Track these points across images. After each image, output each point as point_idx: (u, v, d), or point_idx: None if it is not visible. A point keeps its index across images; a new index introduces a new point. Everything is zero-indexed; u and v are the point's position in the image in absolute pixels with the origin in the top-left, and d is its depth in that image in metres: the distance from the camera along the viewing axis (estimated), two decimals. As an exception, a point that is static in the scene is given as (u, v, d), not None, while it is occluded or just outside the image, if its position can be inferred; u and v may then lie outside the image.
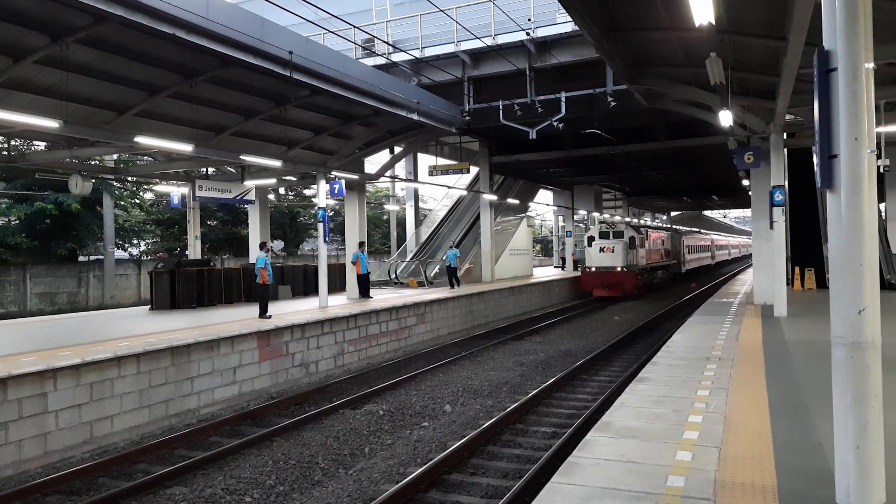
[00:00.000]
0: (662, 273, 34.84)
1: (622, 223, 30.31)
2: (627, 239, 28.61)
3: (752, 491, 4.39)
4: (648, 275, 31.25)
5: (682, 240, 40.65)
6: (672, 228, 46.64)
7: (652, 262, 32.01)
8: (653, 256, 32.18)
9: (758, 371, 8.27)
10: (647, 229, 32.16)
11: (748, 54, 11.41)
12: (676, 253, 38.73)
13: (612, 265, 28.01)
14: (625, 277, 27.78)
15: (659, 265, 33.79)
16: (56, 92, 11.80)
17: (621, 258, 27.86)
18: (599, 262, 28.38)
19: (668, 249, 36.39)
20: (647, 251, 30.73)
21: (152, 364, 10.05)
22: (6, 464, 8.02)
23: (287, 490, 7.24)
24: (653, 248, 32.27)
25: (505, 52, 18.26)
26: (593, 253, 28.71)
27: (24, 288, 25.61)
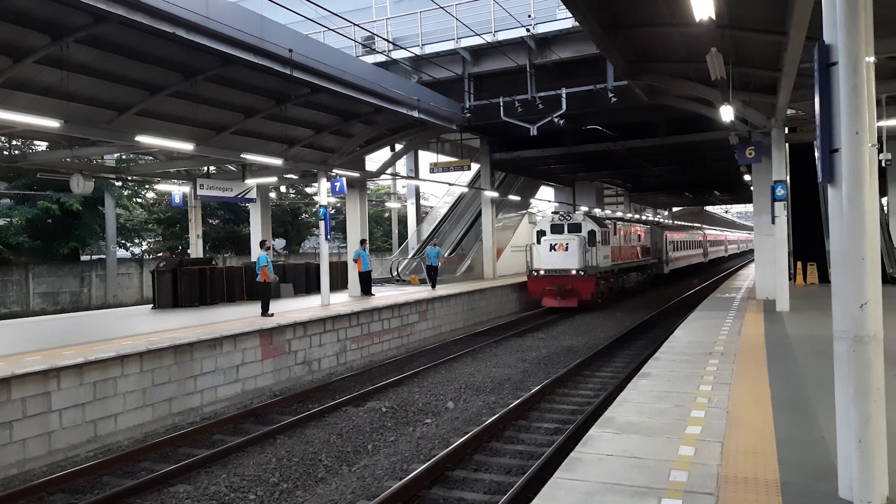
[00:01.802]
0: (638, 275, 29.31)
1: (580, 213, 24.83)
2: (586, 233, 22.98)
3: (755, 485, 4.40)
4: (616, 278, 25.73)
5: (665, 235, 34.26)
6: (652, 221, 39.70)
7: (622, 261, 26.46)
8: (624, 255, 26.76)
9: (760, 366, 8.28)
10: (615, 221, 26.62)
11: (749, 49, 11.39)
12: (658, 250, 32.89)
13: (565, 267, 22.07)
14: (581, 282, 21.91)
15: (633, 265, 28.25)
16: (57, 92, 11.80)
17: (577, 258, 22.06)
18: (549, 263, 22.46)
19: (646, 246, 30.86)
20: (614, 248, 25.20)
21: (155, 363, 10.08)
22: (11, 463, 8.05)
23: (291, 487, 7.26)
24: (624, 245, 26.88)
25: (505, 49, 18.23)
26: (542, 252, 22.82)
27: (26, 288, 25.66)
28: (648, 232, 31.71)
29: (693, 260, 42.71)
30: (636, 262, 28.77)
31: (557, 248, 22.55)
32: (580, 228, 23.17)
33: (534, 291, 22.84)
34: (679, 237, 38.59)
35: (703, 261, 46.97)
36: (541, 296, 22.57)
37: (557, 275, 22.23)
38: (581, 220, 23.48)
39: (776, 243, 14.36)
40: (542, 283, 22.53)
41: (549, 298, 22.36)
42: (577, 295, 21.96)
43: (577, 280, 21.98)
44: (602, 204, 41.49)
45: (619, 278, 26.05)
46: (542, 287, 22.50)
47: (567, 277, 22.09)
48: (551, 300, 22.29)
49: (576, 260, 22.08)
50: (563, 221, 23.67)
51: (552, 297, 22.25)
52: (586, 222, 23.37)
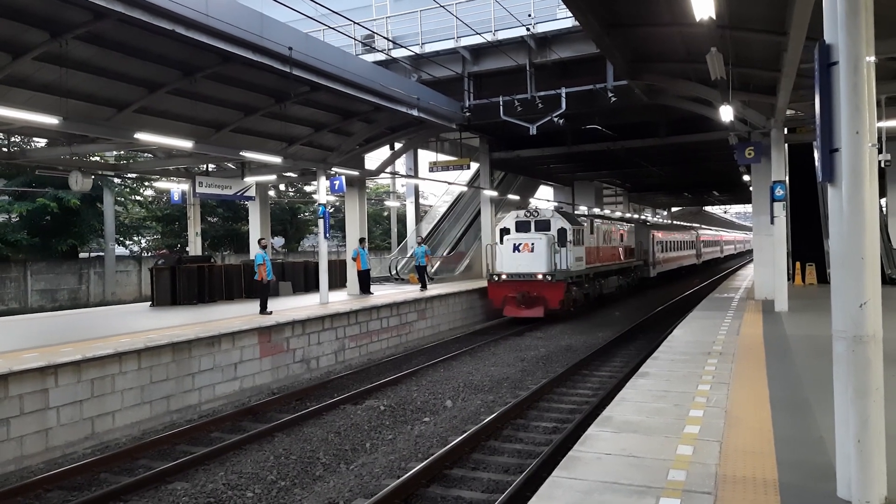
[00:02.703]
0: (620, 279, 26.53)
1: (549, 209, 21.83)
2: (555, 232, 20.21)
3: (754, 485, 4.40)
4: (592, 283, 22.82)
5: (652, 234, 31.34)
6: (637, 220, 36.38)
7: (600, 263, 23.71)
8: (602, 256, 24.04)
9: (759, 366, 8.28)
10: (591, 219, 23.99)
11: (749, 49, 11.39)
12: (643, 251, 30.26)
13: (530, 271, 19.27)
14: (548, 289, 19.12)
15: (613, 268, 25.46)
16: (56, 88, 11.78)
17: (544, 260, 19.33)
18: (512, 266, 19.70)
19: (629, 247, 28.20)
20: (590, 249, 22.40)
21: (153, 360, 10.06)
22: (8, 459, 8.04)
23: (288, 485, 7.26)
24: (603, 246, 24.19)
25: (505, 48, 18.22)
26: (505, 253, 20.11)
27: (24, 285, 25.63)
28: (632, 231, 29.30)
29: (685, 262, 40.20)
30: (617, 265, 26.10)
31: (522, 248, 19.76)
32: (549, 226, 20.48)
33: (494, 299, 20.01)
34: (668, 237, 35.69)
35: (697, 262, 44.41)
36: (502, 304, 19.76)
37: (521, 280, 19.40)
38: (550, 217, 20.75)
39: (775, 243, 14.36)
40: (504, 290, 19.71)
41: (511, 307, 19.59)
42: (543, 303, 19.14)
43: (543, 286, 19.21)
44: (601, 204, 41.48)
45: (595, 283, 23.13)
46: (504, 294, 19.68)
47: (532, 283, 19.30)
48: (514, 309, 19.56)
49: (542, 262, 19.37)
50: (529, 218, 20.95)
51: (515, 306, 19.52)
52: (556, 219, 20.62)
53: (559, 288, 19.22)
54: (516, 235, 20.41)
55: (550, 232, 20.20)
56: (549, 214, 20.84)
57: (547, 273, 19.19)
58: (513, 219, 21.39)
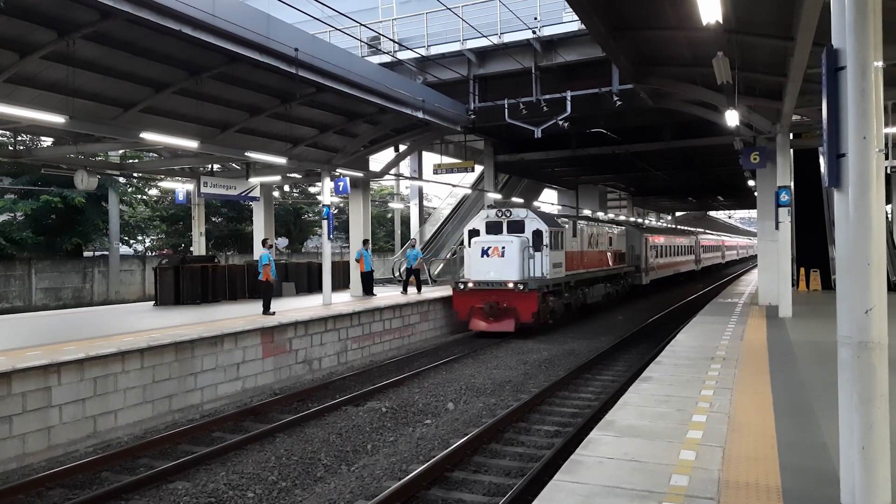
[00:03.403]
0: (608, 287, 24.18)
1: (524, 209, 19.26)
2: (530, 234, 18.12)
3: (757, 491, 4.38)
4: (574, 292, 20.43)
5: (645, 238, 28.91)
6: (628, 222, 33.66)
7: (585, 270, 21.36)
8: (587, 262, 21.70)
9: (762, 371, 8.25)
10: (574, 220, 21.42)
11: (755, 54, 11.37)
12: (635, 257, 28.04)
13: (500, 279, 17.22)
14: (520, 299, 17.01)
15: (600, 275, 22.94)
16: (62, 87, 11.82)
17: (516, 266, 17.27)
18: (480, 272, 17.59)
19: (619, 252, 26.03)
20: (572, 254, 20.03)
21: (156, 359, 10.08)
22: (10, 457, 8.05)
23: (289, 486, 7.25)
24: (587, 250, 21.82)
25: (511, 51, 18.24)
26: (472, 257, 18.01)
27: (29, 283, 25.71)
28: (623, 234, 27.15)
29: (682, 268, 37.74)
30: (604, 271, 23.66)
31: (491, 252, 17.60)
32: (522, 228, 18.27)
33: (459, 310, 17.80)
34: (663, 241, 33.29)
35: (696, 269, 42.11)
36: (468, 316, 17.60)
37: (490, 289, 17.28)
38: (524, 218, 18.43)
39: (780, 249, 14.32)
40: (470, 300, 17.49)
41: (477, 319, 17.44)
42: (514, 315, 17.04)
43: (514, 296, 17.04)
44: (605, 207, 41.45)
45: (577, 292, 20.74)
46: (471, 304, 17.46)
47: (502, 292, 17.17)
48: (480, 322, 17.40)
49: (514, 269, 17.26)
50: (500, 218, 18.63)
51: (482, 318, 17.36)
52: (531, 220, 18.37)
53: (532, 298, 17.05)
54: (486, 238, 18.35)
55: (524, 234, 18.14)
56: (524, 214, 18.57)
57: (519, 281, 17.12)
58: (482, 219, 19.08)
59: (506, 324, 17.16)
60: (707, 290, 31.25)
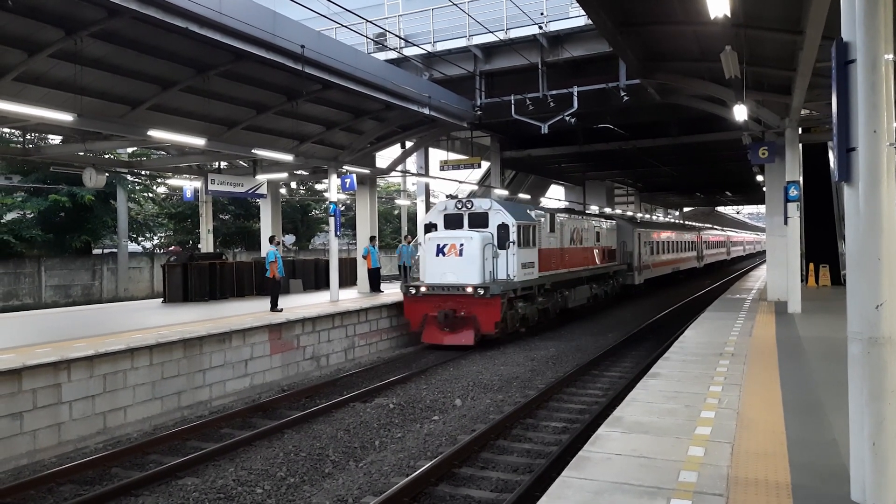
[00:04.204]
0: (595, 288, 21.76)
1: (489, 199, 16.91)
2: (495, 228, 15.58)
3: (766, 487, 4.36)
4: (551, 296, 18.04)
5: (638, 233, 26.70)
6: (619, 216, 31.06)
7: (565, 269, 18.91)
8: (568, 261, 19.16)
9: (771, 367, 8.21)
10: (551, 213, 18.59)
11: (764, 48, 11.30)
12: (626, 254, 25.72)
13: (458, 281, 14.82)
14: (480, 306, 14.54)
15: (584, 275, 20.41)
16: (70, 86, 11.86)
17: (476, 267, 14.78)
18: (435, 274, 15.21)
19: (607, 248, 23.61)
20: (547, 252, 17.52)
21: (165, 356, 10.13)
22: (21, 453, 8.11)
23: (298, 482, 7.27)
24: (567, 247, 19.23)
25: (517, 47, 18.17)
26: (427, 256, 15.60)
27: (39, 280, 25.86)
28: (613, 229, 24.86)
29: (682, 265, 35.09)
30: (590, 271, 21.02)
31: (447, 251, 15.01)
32: (486, 221, 15.71)
33: (412, 319, 15.44)
34: (659, 236, 30.68)
35: (697, 266, 39.69)
36: (421, 326, 15.21)
37: (446, 294, 14.87)
38: (488, 209, 15.83)
39: (789, 244, 14.24)
40: (424, 306, 15.07)
41: (432, 330, 15.02)
42: (473, 325, 14.64)
43: (474, 303, 14.53)
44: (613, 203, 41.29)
45: (555, 296, 18.34)
46: (424, 312, 15.08)
47: (459, 298, 14.70)
48: (434, 333, 14.98)
49: (474, 270, 14.76)
50: (460, 210, 16.06)
51: (436, 329, 14.94)
52: (496, 212, 15.75)
53: (495, 305, 14.51)
54: (441, 234, 15.70)
55: (488, 229, 15.56)
56: (487, 206, 16.01)
57: (479, 285, 14.59)
58: (440, 211, 16.47)
59: (464, 336, 14.71)
60: (706, 290, 28.99)
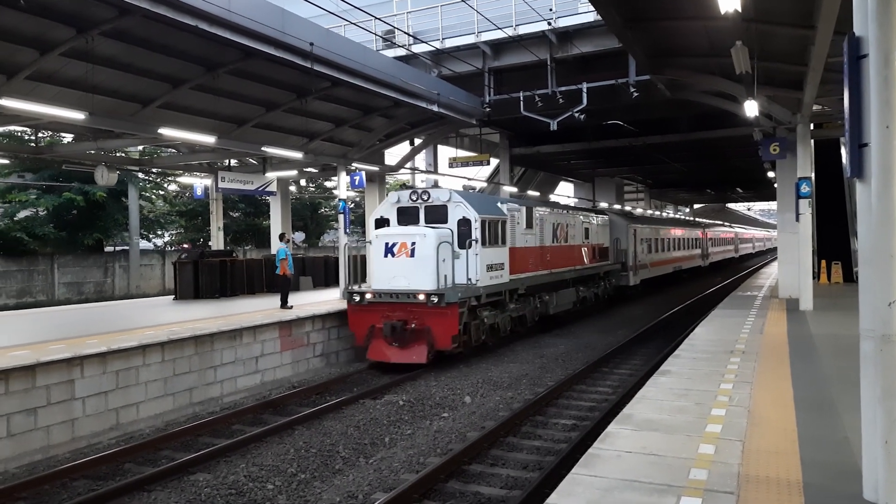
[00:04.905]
0: (582, 291, 19.62)
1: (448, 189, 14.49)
2: (455, 224, 13.29)
3: (777, 485, 4.34)
4: (527, 301, 15.88)
5: (633, 230, 24.64)
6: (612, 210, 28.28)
7: (546, 270, 16.73)
8: (550, 260, 17.05)
9: (783, 365, 8.17)
10: (528, 208, 16.20)
11: (775, 43, 11.20)
12: (621, 252, 23.67)
13: (409, 287, 12.67)
14: (435, 317, 12.36)
15: (568, 277, 18.31)
16: (82, 84, 11.94)
17: (430, 270, 12.55)
18: (382, 279, 13.05)
19: (599, 246, 21.60)
20: (524, 251, 15.46)
21: (176, 353, 10.20)
22: (35, 448, 8.21)
23: (308, 478, 7.32)
24: (548, 245, 17.03)
25: (526, 43, 18.12)
26: (374, 257, 13.35)
27: (51, 277, 26.10)
28: (605, 225, 22.82)
29: (684, 263, 32.84)
30: (576, 271, 18.91)
31: (397, 250, 12.80)
32: (444, 215, 13.45)
33: (357, 331, 13.21)
34: (657, 233, 28.46)
35: (702, 264, 37.56)
36: (367, 340, 12.91)
37: (395, 301, 12.65)
38: (447, 201, 13.51)
39: (800, 241, 14.14)
40: (370, 316, 12.82)
41: (378, 345, 12.73)
42: (426, 340, 12.41)
43: (426, 313, 12.33)
44: (622, 200, 41.14)
45: (532, 301, 16.16)
46: (371, 323, 12.80)
47: (410, 307, 12.52)
48: (381, 349, 12.69)
49: (427, 274, 12.51)
50: (415, 203, 13.71)
51: (383, 343, 12.65)
52: (456, 205, 13.43)
53: (451, 316, 12.28)
54: (391, 231, 13.42)
55: (447, 225, 13.28)
56: (446, 197, 13.60)
57: (433, 291, 12.32)
58: (392, 204, 14.09)
59: (415, 352, 12.42)
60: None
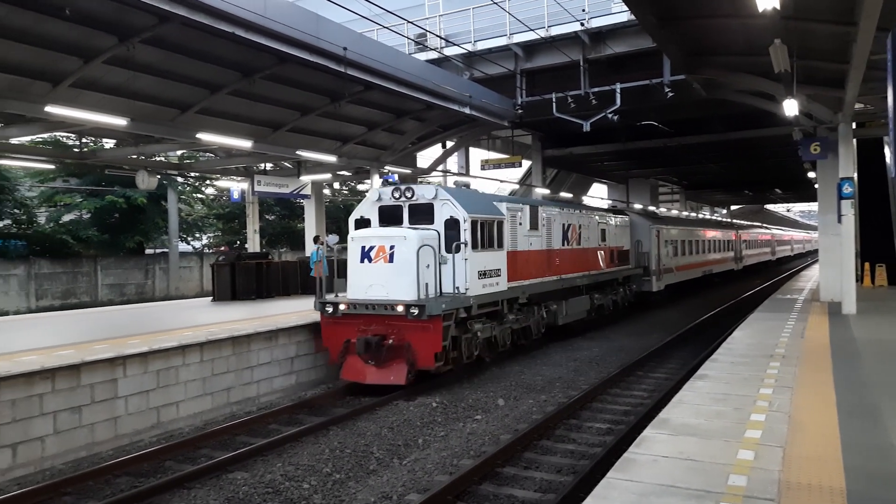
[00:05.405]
0: (598, 298, 17.99)
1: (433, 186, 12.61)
2: (442, 225, 11.70)
3: (819, 492, 4.25)
4: (530, 312, 14.32)
5: (657, 232, 22.55)
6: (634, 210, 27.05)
7: (553, 276, 15.13)
8: (559, 265, 15.44)
9: (825, 370, 7.97)
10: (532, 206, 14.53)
11: (815, 41, 10.93)
12: (643, 255, 21.67)
13: (386, 297, 11.13)
14: (416, 332, 10.86)
15: (581, 283, 16.65)
16: (123, 90, 12.30)
17: (411, 278, 10.96)
18: (358, 288, 11.55)
19: (617, 249, 19.82)
20: (526, 255, 13.88)
21: (214, 353, 10.40)
22: (80, 445, 8.46)
23: (343, 478, 7.39)
24: (559, 249, 15.55)
25: (558, 44, 18.03)
26: (351, 262, 11.86)
27: (95, 279, 26.85)
28: (624, 226, 20.91)
29: (715, 267, 30.89)
30: (590, 277, 17.27)
31: (374, 255, 11.29)
32: (430, 214, 11.83)
33: (330, 346, 11.63)
34: (683, 234, 26.52)
35: (735, 268, 35.56)
36: (341, 357, 11.36)
37: (371, 313, 11.15)
38: (433, 199, 11.82)
39: (843, 243, 13.78)
40: (345, 330, 11.35)
41: (354, 363, 11.18)
42: (406, 357, 10.85)
43: (406, 327, 10.84)
44: (657, 202, 40.58)
45: (536, 311, 14.55)
46: (346, 337, 11.29)
47: (389, 320, 11.01)
48: (356, 367, 11.15)
49: (407, 282, 10.94)
50: (398, 201, 12.06)
51: (359, 361, 11.09)
52: (443, 203, 11.74)
53: (434, 330, 10.72)
54: (368, 232, 11.84)
55: (433, 226, 11.71)
56: (432, 194, 11.85)
57: (413, 302, 10.74)
58: (373, 202, 12.40)
59: (393, 371, 10.88)
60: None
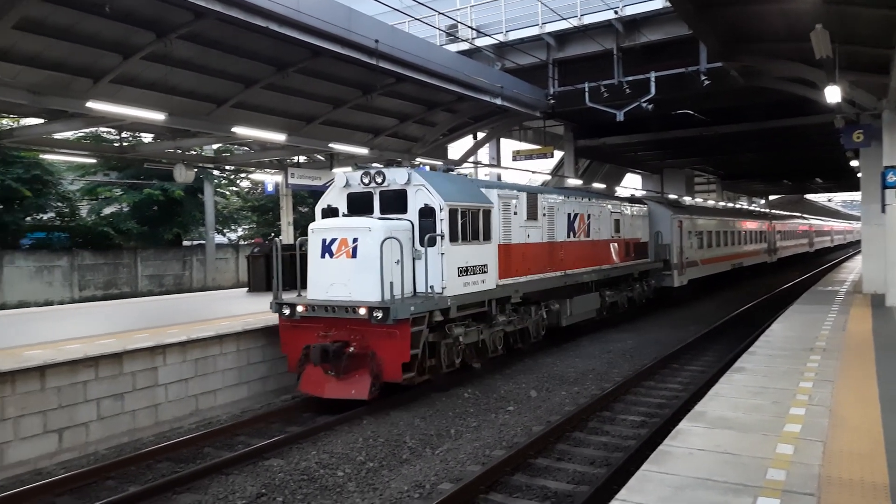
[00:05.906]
0: (610, 295, 16.49)
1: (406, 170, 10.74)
2: (418, 212, 10.18)
3: (862, 488, 4.16)
4: (526, 312, 12.97)
5: (679, 222, 20.94)
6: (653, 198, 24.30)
7: (555, 272, 13.63)
8: (561, 260, 13.89)
9: (867, 363, 7.77)
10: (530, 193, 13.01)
11: (857, 25, 10.59)
12: (661, 247, 19.84)
13: (348, 297, 9.68)
14: (380, 338, 9.38)
15: (588, 279, 15.12)
16: (161, 86, 12.55)
17: (375, 275, 9.30)
18: (318, 287, 10.11)
19: (633, 240, 18.14)
20: (524, 248, 12.46)
21: (250, 343, 10.60)
22: (123, 431, 8.72)
23: (377, 467, 7.48)
24: (562, 241, 13.97)
25: (591, 33, 17.79)
26: (311, 257, 10.36)
27: (135, 270, 27.58)
28: (642, 216, 19.16)
29: (745, 260, 28.91)
30: (599, 272, 15.69)
31: (336, 249, 9.92)
32: (404, 202, 10.35)
33: (289, 354, 10.23)
34: (709, 226, 24.36)
35: (768, 260, 33.24)
36: (300, 366, 9.87)
37: (332, 316, 9.70)
38: (405, 184, 10.33)
39: (887, 234, 13.38)
40: (305, 335, 9.94)
41: (313, 373, 9.69)
42: (370, 367, 9.46)
43: (370, 332, 9.44)
44: (692, 192, 39.88)
45: (534, 311, 13.25)
46: (305, 343, 9.83)
47: (351, 324, 9.60)
48: (315, 378, 9.69)
49: (370, 281, 9.47)
50: (368, 187, 10.59)
51: (316, 372, 9.65)
52: (417, 189, 10.24)
53: (401, 337, 9.36)
54: (330, 224, 10.41)
55: (406, 215, 10.27)
56: (404, 179, 10.32)
57: (376, 304, 9.25)
58: (341, 189, 10.95)
59: (354, 383, 9.49)
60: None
